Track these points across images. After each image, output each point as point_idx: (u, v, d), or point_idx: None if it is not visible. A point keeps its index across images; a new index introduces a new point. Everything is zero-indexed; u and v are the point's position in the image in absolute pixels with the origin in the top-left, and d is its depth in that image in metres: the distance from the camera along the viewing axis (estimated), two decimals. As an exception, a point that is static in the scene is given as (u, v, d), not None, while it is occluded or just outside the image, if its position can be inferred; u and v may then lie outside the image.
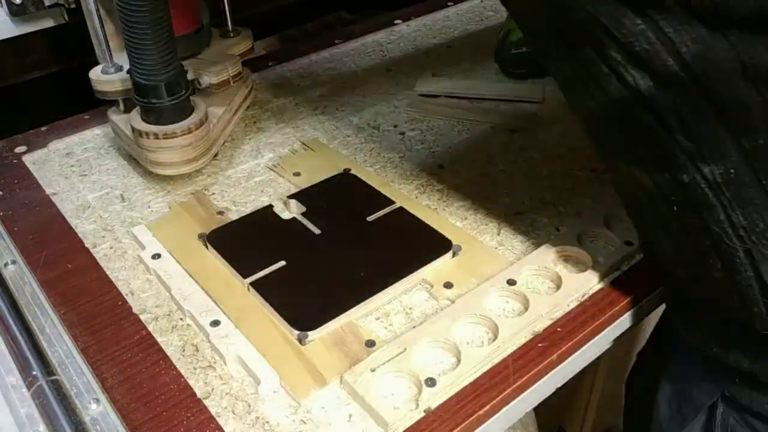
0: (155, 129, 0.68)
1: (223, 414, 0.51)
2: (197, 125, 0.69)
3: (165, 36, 0.64)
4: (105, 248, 0.67)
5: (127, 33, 0.63)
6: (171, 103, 0.67)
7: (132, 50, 0.64)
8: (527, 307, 0.57)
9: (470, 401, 0.51)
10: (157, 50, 0.64)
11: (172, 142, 0.68)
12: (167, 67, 0.66)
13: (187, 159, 0.70)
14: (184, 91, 0.69)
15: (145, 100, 0.67)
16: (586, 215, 0.69)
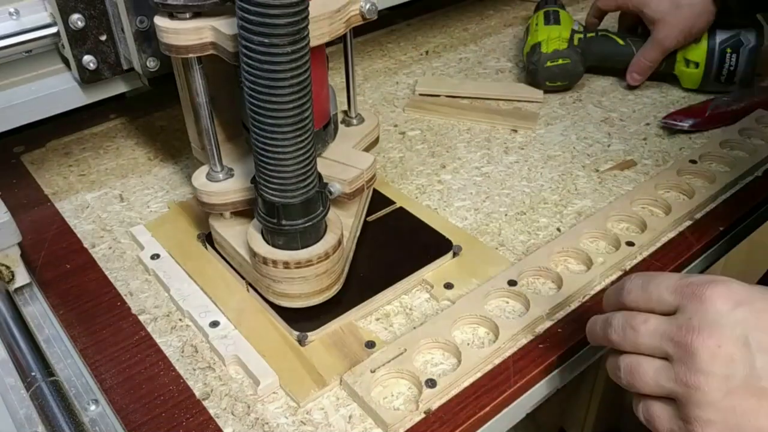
0: (285, 256, 0.54)
1: (223, 415, 0.51)
2: (334, 248, 0.55)
3: (308, 142, 0.50)
4: (104, 248, 0.67)
5: (259, 138, 0.49)
6: (306, 225, 0.53)
7: (263, 161, 0.50)
8: (528, 308, 0.57)
9: (471, 402, 0.51)
10: (298, 161, 0.50)
11: (306, 271, 0.54)
12: (307, 182, 0.52)
13: (321, 288, 0.56)
14: (323, 210, 0.54)
15: (273, 222, 0.53)
16: (586, 215, 0.69)
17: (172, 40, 0.51)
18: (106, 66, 0.66)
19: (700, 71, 0.86)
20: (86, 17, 0.63)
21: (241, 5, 0.44)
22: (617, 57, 0.90)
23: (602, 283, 0.61)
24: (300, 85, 0.47)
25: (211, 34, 0.51)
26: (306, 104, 0.48)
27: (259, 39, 0.44)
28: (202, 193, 0.59)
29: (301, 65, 0.46)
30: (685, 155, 0.76)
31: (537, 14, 0.94)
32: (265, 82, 0.46)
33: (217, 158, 0.59)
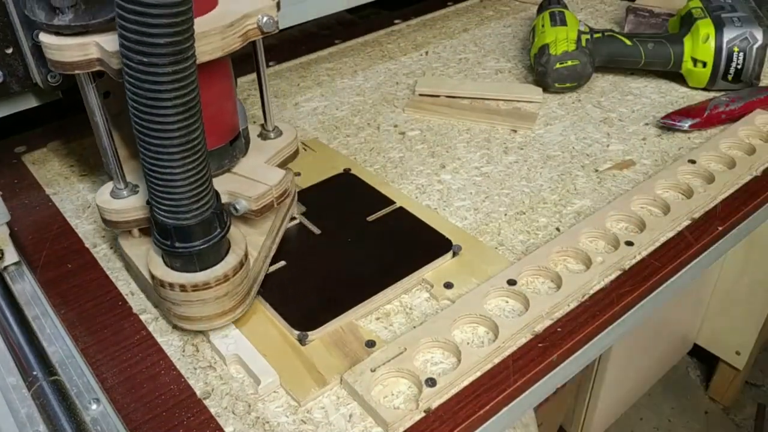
0: (181, 279, 0.52)
1: (223, 414, 0.51)
2: (235, 269, 0.53)
3: (199, 163, 0.47)
4: (105, 248, 0.67)
5: (146, 159, 0.47)
6: (203, 248, 0.51)
7: (153, 182, 0.48)
8: (527, 308, 0.57)
9: (470, 401, 0.51)
10: (189, 182, 0.47)
11: (205, 294, 0.52)
12: (201, 203, 0.49)
13: (223, 311, 0.54)
14: (220, 231, 0.52)
15: (168, 244, 0.51)
16: (585, 215, 0.69)
17: (57, 56, 0.51)
18: (15, 80, 0.65)
19: (707, 70, 0.86)
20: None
21: (120, 23, 0.42)
22: (625, 57, 0.90)
23: (601, 283, 0.61)
24: (186, 105, 0.44)
25: (96, 50, 0.50)
26: (194, 124, 0.46)
27: (138, 58, 0.42)
28: (104, 210, 0.57)
29: (186, 84, 0.44)
30: (683, 155, 0.76)
31: (542, 15, 0.94)
32: (148, 101, 0.43)
33: (120, 175, 0.57)
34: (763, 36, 0.84)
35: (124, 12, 0.41)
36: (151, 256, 0.54)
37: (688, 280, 0.67)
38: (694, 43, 0.86)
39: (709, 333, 1.59)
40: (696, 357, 1.72)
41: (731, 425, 1.64)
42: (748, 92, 0.84)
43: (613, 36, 0.91)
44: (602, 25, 1.07)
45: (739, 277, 1.42)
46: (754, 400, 1.68)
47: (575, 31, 0.89)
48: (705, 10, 0.88)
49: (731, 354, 1.57)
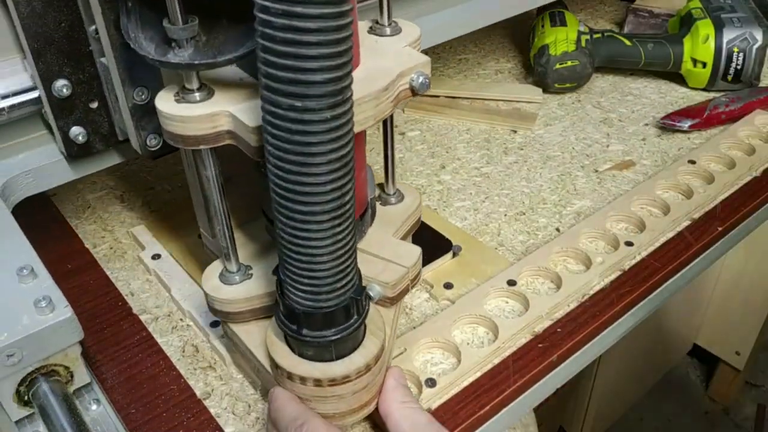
0: (315, 372, 0.43)
1: (223, 414, 0.51)
2: (377, 357, 0.44)
3: (349, 233, 0.39)
4: (105, 249, 0.67)
5: (286, 230, 0.38)
6: (343, 335, 0.42)
7: (291, 260, 0.39)
8: (527, 308, 0.57)
9: (470, 402, 0.51)
10: (336, 258, 0.39)
11: (342, 389, 0.43)
12: (345, 282, 0.41)
13: (360, 405, 0.45)
14: (362, 313, 0.43)
15: (300, 332, 0.42)
16: (585, 215, 0.69)
17: (179, 129, 0.41)
18: (98, 138, 0.54)
19: (707, 71, 0.86)
20: (73, 83, 0.51)
21: (266, 58, 0.33)
22: (625, 58, 0.90)
23: (601, 283, 0.61)
24: (341, 161, 0.36)
25: (228, 121, 0.41)
26: (347, 185, 0.38)
27: (288, 102, 0.34)
28: (215, 300, 0.48)
29: (343, 135, 0.36)
30: (683, 155, 0.76)
31: (542, 16, 0.94)
32: (297, 158, 0.35)
33: (234, 257, 0.48)
34: (763, 36, 0.84)
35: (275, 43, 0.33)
36: (271, 340, 0.45)
37: (688, 281, 0.67)
38: (693, 43, 0.87)
39: (709, 333, 1.59)
40: (696, 357, 1.72)
41: (731, 425, 1.64)
42: (748, 92, 0.85)
43: (613, 36, 0.91)
44: (602, 26, 1.07)
45: (739, 277, 1.42)
46: (754, 401, 1.68)
47: (575, 32, 0.89)
48: (705, 10, 0.88)
49: (731, 354, 1.57)
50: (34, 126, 0.56)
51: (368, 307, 0.44)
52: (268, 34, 0.33)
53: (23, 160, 0.56)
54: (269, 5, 0.32)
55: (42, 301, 0.46)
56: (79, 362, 0.49)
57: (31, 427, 0.50)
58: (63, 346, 0.47)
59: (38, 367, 0.47)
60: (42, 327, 0.45)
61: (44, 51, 0.49)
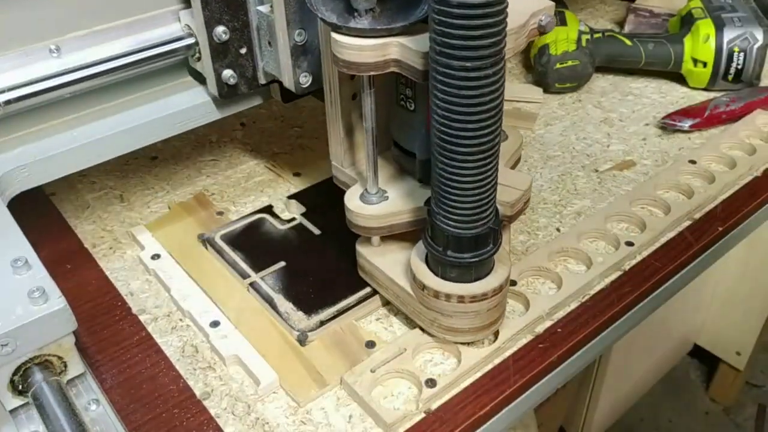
0: (459, 290, 0.50)
1: (223, 415, 0.51)
2: (507, 279, 0.52)
3: (495, 168, 0.47)
4: (104, 249, 0.67)
5: (448, 168, 0.45)
6: (485, 257, 0.50)
7: (448, 191, 0.47)
8: (528, 308, 0.57)
9: (471, 402, 0.51)
10: (485, 190, 0.47)
11: (479, 305, 0.51)
12: (489, 212, 0.48)
13: (490, 322, 0.53)
14: (500, 240, 0.51)
15: (448, 254, 0.49)
16: (586, 215, 0.69)
17: (354, 57, 0.47)
18: (244, 80, 0.61)
19: (708, 70, 0.86)
20: (230, 29, 0.58)
21: (440, 29, 0.40)
22: (625, 57, 0.90)
23: (602, 283, 0.61)
24: (496, 109, 0.43)
25: (397, 50, 0.47)
26: (498, 130, 0.45)
27: (460, 63, 0.41)
28: (358, 216, 0.55)
29: (499, 87, 0.43)
30: (684, 155, 0.76)
31: None
32: (463, 108, 0.42)
33: (374, 180, 0.55)
34: (764, 36, 0.84)
35: (447, 17, 0.40)
36: (416, 265, 0.52)
37: (688, 281, 0.67)
38: (694, 43, 0.86)
39: (709, 333, 1.59)
40: (696, 357, 1.72)
41: (731, 426, 1.64)
42: (749, 92, 0.84)
43: (614, 36, 0.91)
44: (602, 25, 1.06)
45: (740, 277, 1.42)
46: (754, 401, 1.68)
47: (575, 31, 0.89)
48: (705, 10, 0.88)
49: (731, 354, 1.57)
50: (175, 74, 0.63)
51: (501, 237, 0.51)
52: (443, 10, 0.40)
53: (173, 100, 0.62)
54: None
55: (36, 291, 0.46)
56: (72, 352, 0.50)
57: (27, 419, 0.50)
58: (56, 337, 0.48)
59: (32, 357, 0.48)
60: (36, 317, 0.46)
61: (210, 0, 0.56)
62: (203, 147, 0.80)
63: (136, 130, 0.60)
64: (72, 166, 0.59)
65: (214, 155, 0.79)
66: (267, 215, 0.68)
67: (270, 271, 0.61)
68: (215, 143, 0.81)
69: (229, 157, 0.79)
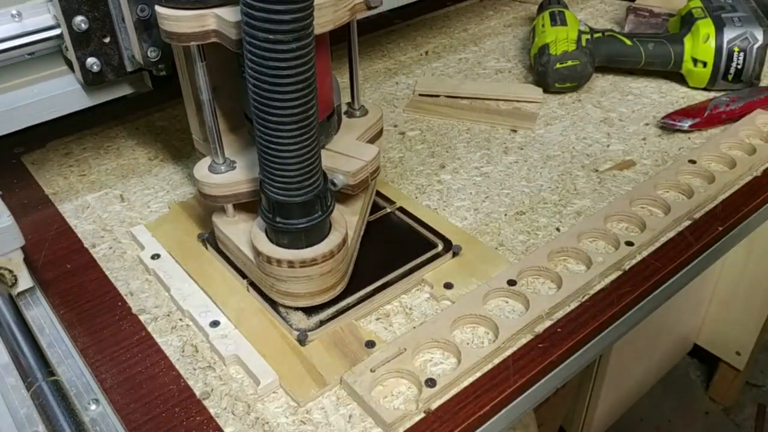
0: (289, 255, 0.53)
1: (223, 414, 0.51)
2: (339, 246, 0.54)
3: (314, 139, 0.49)
4: (104, 248, 0.67)
5: (263, 136, 0.48)
6: (312, 224, 0.52)
7: (268, 159, 0.49)
8: (527, 308, 0.57)
9: (470, 402, 0.51)
10: (304, 159, 0.49)
11: (311, 270, 0.54)
12: (313, 179, 0.50)
13: (326, 287, 0.56)
14: (328, 207, 0.53)
15: (277, 221, 0.52)
16: (586, 215, 0.69)
17: (174, 27, 0.51)
18: (110, 68, 0.65)
19: (708, 70, 0.86)
20: (90, 19, 0.62)
21: (245, 1, 0.42)
22: (625, 57, 0.90)
23: (602, 283, 0.61)
24: (305, 81, 0.45)
25: (214, 21, 0.50)
26: (311, 101, 0.47)
27: (263, 35, 0.43)
28: (204, 184, 0.58)
29: (307, 60, 0.45)
30: (684, 155, 0.76)
31: (542, 15, 0.94)
32: (270, 78, 0.45)
33: (220, 151, 0.58)
34: (764, 36, 0.84)
35: None
36: (255, 233, 0.55)
37: (688, 281, 0.67)
38: (694, 43, 0.86)
39: (709, 333, 1.58)
40: (696, 357, 1.72)
41: (731, 426, 1.64)
42: (749, 92, 0.84)
43: (613, 36, 0.91)
44: (602, 25, 1.06)
45: (740, 277, 1.42)
46: (754, 401, 1.68)
47: (575, 31, 0.89)
48: (705, 10, 0.88)
49: (731, 354, 1.57)
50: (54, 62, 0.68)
51: (334, 201, 0.54)
52: None
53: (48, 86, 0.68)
54: None
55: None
56: (21, 267, 0.58)
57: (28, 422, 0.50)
58: (5, 251, 0.56)
59: None
60: None
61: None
62: (203, 147, 0.80)
63: (7, 113, 0.65)
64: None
65: (214, 155, 0.79)
66: (267, 215, 0.68)
67: (270, 271, 0.61)
68: (215, 143, 0.81)
69: (229, 156, 0.79)
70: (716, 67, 0.86)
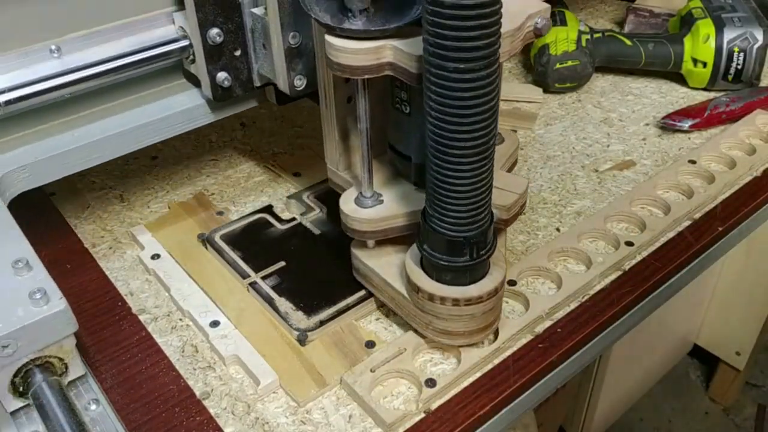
0: (454, 293, 0.50)
1: (223, 415, 0.51)
2: (502, 282, 0.51)
3: (490, 169, 0.46)
4: (104, 248, 0.67)
5: (440, 170, 0.45)
6: (479, 261, 0.49)
7: (442, 194, 0.46)
8: (527, 308, 0.57)
9: (470, 402, 0.51)
10: (480, 192, 0.46)
11: (475, 308, 0.50)
12: (484, 215, 0.48)
13: (486, 325, 0.52)
14: (494, 242, 0.51)
15: (445, 258, 0.49)
16: (586, 215, 0.69)
17: (349, 60, 0.47)
18: (239, 83, 0.61)
19: (708, 71, 0.86)
20: (224, 31, 0.58)
21: (434, 30, 0.40)
22: (625, 57, 0.90)
23: (602, 283, 0.61)
24: (491, 109, 0.43)
25: (391, 53, 0.47)
26: (494, 131, 0.44)
27: (454, 65, 0.40)
28: (353, 219, 0.55)
29: (494, 88, 0.42)
30: (684, 155, 0.76)
31: None
32: (456, 110, 0.42)
33: (370, 183, 0.55)
34: (764, 36, 0.84)
35: (440, 18, 0.39)
36: (410, 268, 0.52)
37: (688, 281, 0.67)
38: (694, 43, 0.86)
39: (709, 333, 1.58)
40: (696, 357, 1.72)
41: (731, 426, 1.64)
42: (749, 92, 0.84)
43: (613, 36, 0.91)
44: (602, 25, 1.06)
45: (739, 277, 1.42)
46: (754, 401, 1.68)
47: (575, 31, 0.89)
48: (705, 10, 0.88)
49: (731, 354, 1.56)
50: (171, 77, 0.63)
51: (496, 240, 0.51)
52: (437, 11, 0.39)
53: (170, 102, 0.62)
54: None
55: (37, 293, 0.46)
56: (73, 354, 0.50)
57: (27, 420, 0.50)
58: (57, 338, 0.48)
59: (33, 358, 0.47)
60: (37, 318, 0.46)
61: (203, 2, 0.56)
62: (203, 147, 0.81)
63: (134, 132, 0.60)
64: (71, 167, 0.59)
65: (214, 155, 0.79)
66: (267, 215, 0.68)
67: (270, 271, 0.61)
68: (215, 143, 0.81)
69: (229, 157, 0.79)
70: (716, 68, 0.86)
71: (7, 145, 0.57)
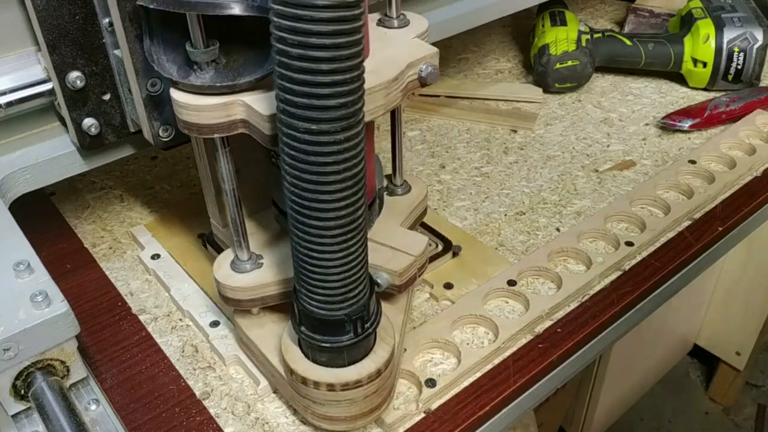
0: (329, 377, 0.44)
1: (223, 415, 0.51)
2: (387, 362, 0.45)
3: (361, 243, 0.40)
4: (104, 248, 0.67)
5: (303, 243, 0.39)
6: (356, 341, 0.43)
7: (306, 270, 0.40)
8: (527, 308, 0.57)
9: (470, 402, 0.51)
10: (350, 267, 0.40)
11: (354, 393, 0.44)
12: (359, 290, 0.42)
13: (370, 409, 0.46)
14: (375, 319, 0.44)
15: (315, 338, 0.43)
16: (586, 215, 0.69)
17: (194, 118, 0.42)
18: (110, 129, 0.55)
19: (708, 71, 0.86)
20: (86, 75, 0.52)
21: (282, 84, 0.34)
22: (625, 57, 0.90)
23: (602, 283, 0.61)
24: (354, 177, 0.37)
25: (243, 110, 0.42)
26: (360, 200, 0.38)
27: (304, 125, 0.35)
28: (226, 287, 0.49)
29: (355, 154, 0.37)
30: (684, 155, 0.76)
31: (542, 15, 0.94)
32: (313, 177, 0.36)
33: (245, 245, 0.49)
34: (764, 36, 0.84)
35: (288, 70, 0.34)
36: (286, 346, 0.46)
37: (688, 281, 0.67)
38: (694, 43, 0.86)
39: (709, 333, 1.58)
40: (696, 357, 1.72)
41: (731, 426, 1.64)
42: (749, 92, 0.84)
43: (613, 36, 0.91)
44: (602, 25, 1.06)
45: (739, 277, 1.42)
46: (754, 401, 1.68)
47: (575, 31, 0.89)
48: (705, 10, 0.88)
49: (731, 354, 1.57)
50: (44, 119, 0.56)
51: (380, 316, 0.45)
52: (284, 62, 0.34)
53: (21, 156, 0.56)
54: (286, 36, 0.33)
55: (38, 296, 0.46)
56: (75, 357, 0.50)
57: (28, 422, 0.50)
58: (59, 341, 0.48)
59: (35, 361, 0.47)
60: (38, 321, 0.45)
61: (59, 43, 0.50)
62: (203, 147, 0.80)
63: None
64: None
65: (214, 155, 0.79)
66: (267, 215, 0.68)
67: (270, 271, 0.61)
68: (215, 143, 0.81)
69: (229, 157, 0.79)
70: (716, 68, 0.86)
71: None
